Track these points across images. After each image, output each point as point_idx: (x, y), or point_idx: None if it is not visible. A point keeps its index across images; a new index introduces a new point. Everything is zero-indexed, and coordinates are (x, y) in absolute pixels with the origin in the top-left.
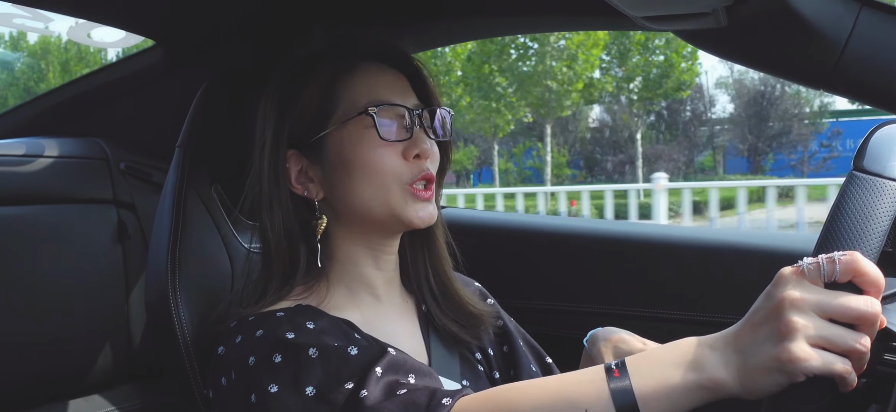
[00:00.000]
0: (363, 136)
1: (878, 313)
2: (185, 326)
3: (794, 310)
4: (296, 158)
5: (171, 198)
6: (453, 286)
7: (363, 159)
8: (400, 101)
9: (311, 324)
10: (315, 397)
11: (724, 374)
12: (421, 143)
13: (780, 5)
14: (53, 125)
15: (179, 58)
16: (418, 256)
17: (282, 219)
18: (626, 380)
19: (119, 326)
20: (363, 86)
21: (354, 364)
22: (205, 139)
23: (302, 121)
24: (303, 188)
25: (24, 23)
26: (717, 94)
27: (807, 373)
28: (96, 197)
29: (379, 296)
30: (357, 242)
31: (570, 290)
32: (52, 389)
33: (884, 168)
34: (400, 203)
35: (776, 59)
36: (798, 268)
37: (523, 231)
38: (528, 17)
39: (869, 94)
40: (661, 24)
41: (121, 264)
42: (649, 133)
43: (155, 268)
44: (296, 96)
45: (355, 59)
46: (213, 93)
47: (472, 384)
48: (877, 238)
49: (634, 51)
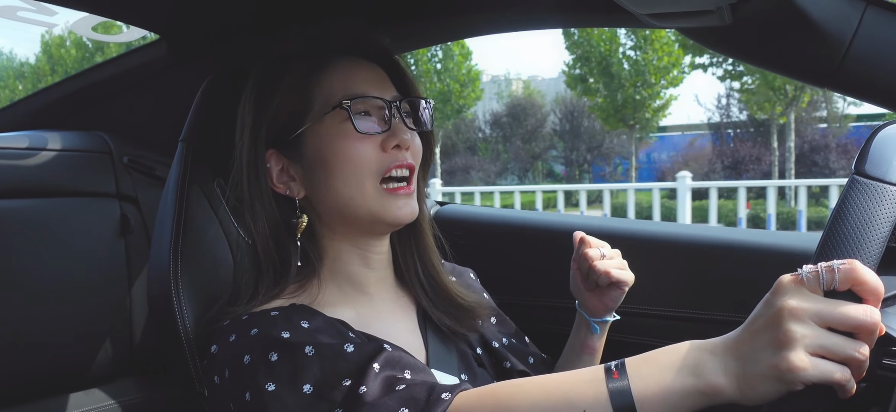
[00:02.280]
0: (339, 130)
1: (877, 322)
2: (186, 320)
3: (793, 320)
4: (276, 158)
5: (174, 192)
6: (443, 280)
7: (340, 153)
8: (377, 93)
9: (306, 324)
10: (313, 395)
11: (723, 380)
12: (400, 133)
13: (785, 3)
14: (57, 118)
15: (183, 52)
16: (408, 252)
17: (265, 218)
18: (625, 382)
19: (121, 320)
20: (338, 80)
21: (351, 361)
22: (208, 134)
23: (279, 120)
24: (285, 187)
25: (29, 16)
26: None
27: (805, 381)
28: (99, 190)
29: (370, 293)
30: (343, 241)
31: (565, 287)
32: (54, 383)
33: (884, 173)
34: (377, 202)
35: (780, 57)
36: (797, 277)
37: (521, 227)
38: (527, 14)
39: (873, 93)
40: (665, 22)
41: (123, 258)
42: (485, 146)
43: (157, 262)
44: (271, 96)
45: (329, 54)
46: (217, 87)
47: (470, 379)
48: (876, 245)
49: (425, 79)
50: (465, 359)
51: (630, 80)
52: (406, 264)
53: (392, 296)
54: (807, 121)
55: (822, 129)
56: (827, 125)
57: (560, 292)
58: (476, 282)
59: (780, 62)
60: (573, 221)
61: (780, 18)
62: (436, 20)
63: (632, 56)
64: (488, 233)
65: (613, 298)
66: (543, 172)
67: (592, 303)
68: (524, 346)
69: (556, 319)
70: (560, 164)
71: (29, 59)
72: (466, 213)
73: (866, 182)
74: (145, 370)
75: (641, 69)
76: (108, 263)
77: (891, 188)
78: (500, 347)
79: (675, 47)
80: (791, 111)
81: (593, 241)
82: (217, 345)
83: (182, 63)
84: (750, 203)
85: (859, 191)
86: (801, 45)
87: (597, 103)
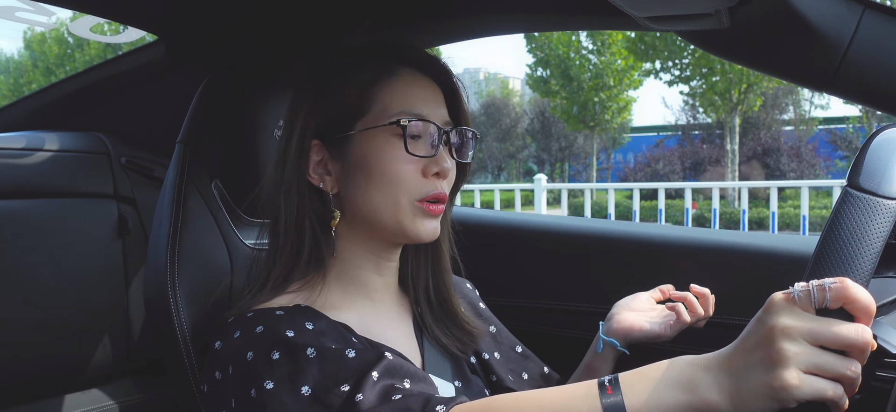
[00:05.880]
0: (389, 144)
1: (868, 341)
2: (183, 322)
3: (785, 338)
4: (318, 148)
5: (171, 193)
6: (453, 302)
7: (384, 168)
8: (431, 116)
9: (310, 325)
10: (310, 397)
11: (717, 397)
12: (442, 162)
13: (783, 7)
14: (55, 119)
15: (182, 54)
16: (420, 265)
17: (297, 204)
18: (619, 397)
19: (118, 321)
20: (399, 94)
21: (351, 367)
22: (205, 135)
23: (333, 113)
24: (318, 179)
25: (27, 16)
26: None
27: (798, 399)
28: (97, 191)
29: (375, 298)
30: (361, 245)
31: (569, 290)
32: (51, 383)
33: (877, 185)
34: (409, 217)
35: (778, 60)
36: (788, 295)
37: (520, 230)
38: (528, 16)
39: (871, 97)
40: (663, 25)
41: (121, 259)
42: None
43: (154, 263)
44: (333, 88)
45: (397, 64)
46: (215, 89)
47: (463, 386)
48: (868, 261)
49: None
50: (459, 366)
51: (589, 82)
52: (415, 274)
53: (394, 302)
54: (771, 123)
55: (787, 131)
56: (793, 128)
57: (557, 295)
58: (473, 293)
59: (777, 66)
60: (572, 224)
61: (777, 22)
62: (434, 23)
63: (590, 59)
64: (486, 236)
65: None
66: (521, 171)
67: (656, 333)
68: (520, 360)
69: (552, 321)
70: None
71: (14, 55)
72: (465, 214)
73: (859, 195)
74: (143, 370)
75: (600, 72)
76: (106, 264)
77: (884, 202)
78: (490, 359)
79: (626, 52)
80: (736, 115)
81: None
82: (221, 341)
83: (180, 64)
84: (696, 203)
85: (852, 204)
86: (799, 48)
87: (558, 105)
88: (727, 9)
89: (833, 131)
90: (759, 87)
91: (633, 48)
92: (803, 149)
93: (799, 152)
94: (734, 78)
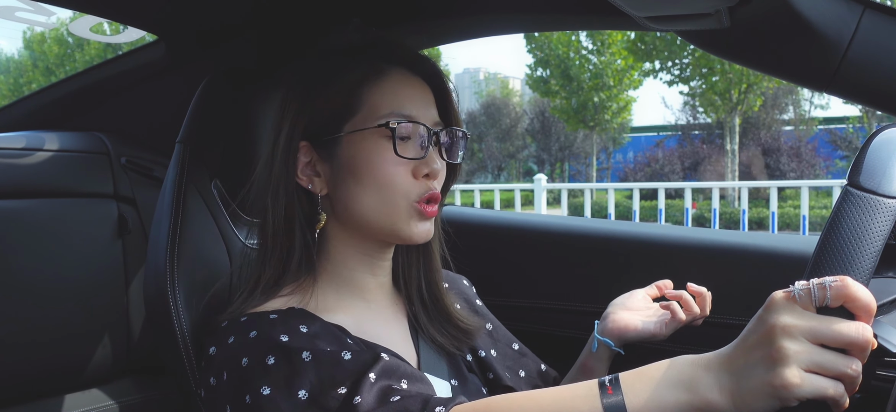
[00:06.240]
0: (378, 147)
1: (868, 339)
2: (183, 322)
3: (786, 337)
4: (306, 150)
5: (171, 193)
6: (445, 300)
7: (374, 171)
8: (421, 117)
9: (305, 328)
10: (307, 401)
11: (718, 396)
12: (432, 163)
13: (783, 7)
14: (55, 119)
15: (181, 54)
16: (412, 265)
17: (285, 205)
18: (620, 397)
19: (118, 321)
20: (388, 94)
21: (348, 369)
22: (205, 135)
23: (321, 114)
24: (307, 180)
25: (27, 16)
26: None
27: (799, 398)
28: (97, 191)
29: (369, 299)
30: (353, 247)
31: (569, 290)
32: (51, 383)
33: (878, 184)
34: (404, 218)
35: (778, 60)
36: (789, 294)
37: (521, 230)
38: (527, 16)
39: (871, 97)
40: (663, 25)
41: (121, 259)
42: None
43: (154, 263)
44: (321, 88)
45: (387, 63)
46: (214, 89)
47: (460, 384)
48: (869, 260)
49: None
50: (455, 364)
51: (588, 82)
52: (407, 274)
53: (388, 302)
54: (771, 123)
55: (787, 131)
56: (793, 128)
57: (557, 295)
58: (470, 289)
59: (777, 66)
60: (572, 224)
61: (777, 22)
62: (433, 22)
63: (590, 59)
64: (484, 235)
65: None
66: (521, 171)
67: (650, 332)
68: (517, 357)
69: (552, 321)
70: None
71: (14, 55)
72: (463, 215)
73: (859, 194)
74: (143, 370)
75: (600, 72)
76: (106, 264)
77: (884, 201)
78: (487, 356)
79: (625, 52)
80: (736, 115)
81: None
82: (215, 347)
83: (180, 64)
84: (696, 203)
85: (852, 203)
86: (799, 48)
87: (558, 105)
88: (727, 9)
89: (833, 131)
90: (759, 87)
91: (632, 48)
92: (803, 149)
93: (799, 152)
94: (734, 78)
